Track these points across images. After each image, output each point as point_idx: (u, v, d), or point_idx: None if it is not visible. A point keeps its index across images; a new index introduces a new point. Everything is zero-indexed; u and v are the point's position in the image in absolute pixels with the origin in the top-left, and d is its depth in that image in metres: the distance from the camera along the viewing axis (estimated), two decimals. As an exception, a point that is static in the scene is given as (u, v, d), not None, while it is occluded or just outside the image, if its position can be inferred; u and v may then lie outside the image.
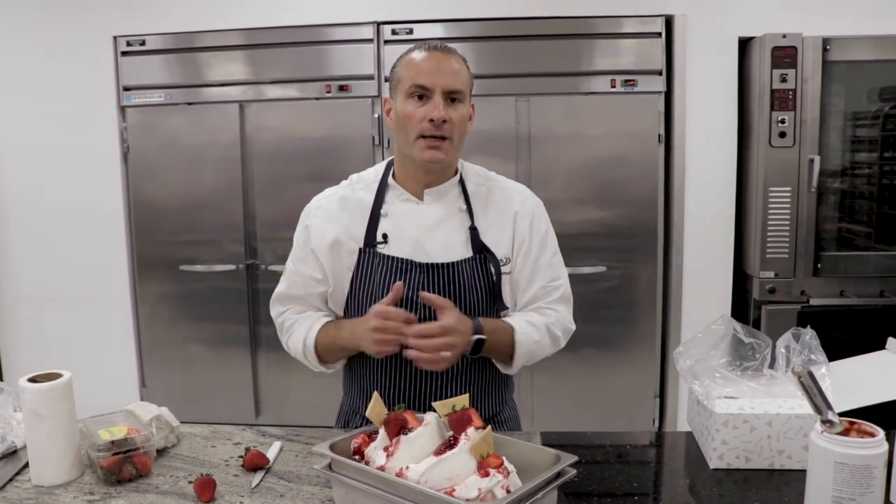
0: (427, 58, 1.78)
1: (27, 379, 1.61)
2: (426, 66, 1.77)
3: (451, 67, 1.78)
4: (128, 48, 3.73)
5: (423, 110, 1.75)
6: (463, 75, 1.80)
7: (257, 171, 3.71)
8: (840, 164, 3.45)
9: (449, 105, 1.76)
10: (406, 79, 1.78)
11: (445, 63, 1.78)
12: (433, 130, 1.75)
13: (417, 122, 1.76)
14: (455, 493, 1.25)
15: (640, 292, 3.66)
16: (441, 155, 1.78)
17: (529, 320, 1.87)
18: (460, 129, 1.80)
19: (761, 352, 1.75)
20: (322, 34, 3.63)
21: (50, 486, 1.59)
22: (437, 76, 1.76)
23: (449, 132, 1.76)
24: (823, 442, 1.29)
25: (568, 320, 1.95)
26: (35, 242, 3.91)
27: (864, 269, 3.43)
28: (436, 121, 1.74)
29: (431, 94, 1.75)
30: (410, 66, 1.79)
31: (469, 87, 1.83)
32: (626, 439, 1.90)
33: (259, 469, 1.66)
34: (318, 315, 1.93)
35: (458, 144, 1.82)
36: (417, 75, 1.76)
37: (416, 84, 1.76)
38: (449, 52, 1.81)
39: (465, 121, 1.83)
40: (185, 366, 3.89)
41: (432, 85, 1.75)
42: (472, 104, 1.88)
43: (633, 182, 3.58)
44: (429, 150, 1.77)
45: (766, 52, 3.29)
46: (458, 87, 1.77)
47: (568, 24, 3.53)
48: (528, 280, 1.89)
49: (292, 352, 1.95)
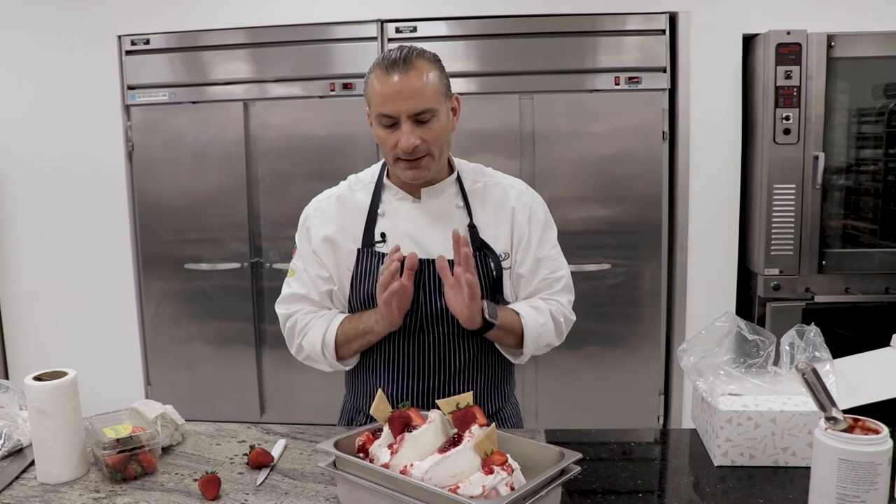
0: (387, 82, 1.70)
1: (33, 377, 1.61)
2: (388, 91, 1.70)
3: (413, 87, 1.70)
4: (132, 47, 3.73)
5: (394, 137, 1.73)
6: (429, 90, 1.72)
7: (261, 169, 3.71)
8: (845, 161, 3.44)
9: (418, 127, 1.72)
10: (373, 104, 1.75)
11: (406, 85, 1.69)
12: (407, 155, 1.73)
13: (391, 148, 1.75)
14: (459, 491, 1.26)
15: (645, 289, 3.66)
16: (424, 172, 1.78)
17: (532, 305, 1.88)
18: (439, 143, 1.77)
19: (765, 349, 1.75)
20: (326, 32, 3.63)
21: (55, 484, 1.60)
22: (399, 103, 1.69)
23: (425, 150, 1.74)
24: (828, 439, 1.29)
25: (569, 311, 1.96)
26: (40, 241, 3.92)
27: (868, 266, 3.42)
28: (405, 149, 1.71)
29: (397, 120, 1.72)
30: (374, 92, 1.74)
31: (442, 93, 1.76)
32: (631, 437, 1.90)
33: (264, 467, 1.66)
34: (334, 311, 1.93)
35: (442, 153, 1.80)
36: (381, 103, 1.72)
37: (381, 113, 1.73)
38: (410, 67, 1.70)
39: (444, 130, 1.78)
40: (190, 364, 3.90)
41: (396, 113, 1.70)
42: (456, 97, 1.84)
43: (637, 179, 3.58)
44: (409, 171, 1.77)
45: (770, 49, 3.28)
46: (424, 106, 1.71)
47: (572, 22, 3.53)
48: (529, 274, 1.90)
49: (305, 351, 1.91)
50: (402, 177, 1.80)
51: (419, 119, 1.72)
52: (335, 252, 1.88)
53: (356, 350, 1.90)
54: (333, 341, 1.86)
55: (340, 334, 1.86)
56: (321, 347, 1.87)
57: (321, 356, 1.89)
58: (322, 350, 1.87)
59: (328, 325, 1.87)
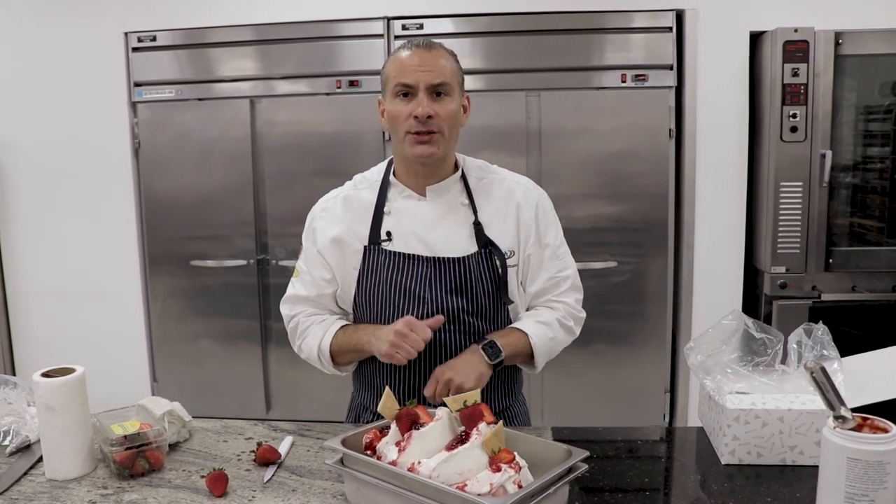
0: (410, 55, 1.79)
1: (41, 374, 1.62)
2: (409, 63, 1.78)
3: (435, 63, 1.78)
4: (139, 44, 3.73)
5: (409, 108, 1.77)
6: (448, 69, 1.80)
7: (268, 166, 3.71)
8: (852, 159, 3.43)
9: (434, 100, 1.77)
10: (391, 78, 1.80)
11: (428, 59, 1.78)
12: (419, 126, 1.76)
13: (404, 120, 1.77)
14: (467, 488, 1.26)
15: (651, 287, 3.65)
16: (432, 149, 1.79)
17: (539, 319, 1.89)
18: (450, 123, 1.80)
19: (773, 347, 1.74)
20: (332, 30, 3.63)
21: (63, 480, 1.61)
22: (419, 73, 1.76)
23: (437, 126, 1.77)
24: (836, 438, 1.28)
25: (577, 309, 1.97)
26: (47, 237, 3.93)
27: (876, 265, 3.41)
28: (420, 117, 1.75)
29: (416, 91, 1.76)
30: (395, 65, 1.80)
31: (458, 80, 1.83)
32: (637, 434, 1.90)
33: (271, 464, 1.66)
34: (333, 318, 1.94)
35: (450, 138, 1.82)
36: (401, 74, 1.78)
37: (401, 83, 1.77)
38: (432, 48, 1.81)
39: (456, 115, 1.82)
40: (196, 361, 3.90)
41: (415, 82, 1.76)
42: (467, 96, 1.88)
43: (643, 177, 3.57)
44: (419, 146, 1.78)
45: (777, 47, 3.27)
46: (441, 80, 1.78)
47: (578, 19, 3.52)
48: (536, 271, 1.90)
49: (304, 354, 1.96)
50: (411, 154, 1.80)
51: (436, 92, 1.77)
52: (342, 252, 1.89)
53: (350, 361, 1.94)
54: (329, 350, 1.89)
55: (335, 344, 1.89)
56: (317, 354, 1.91)
57: (318, 363, 1.93)
58: (318, 357, 1.91)
59: (324, 334, 1.90)
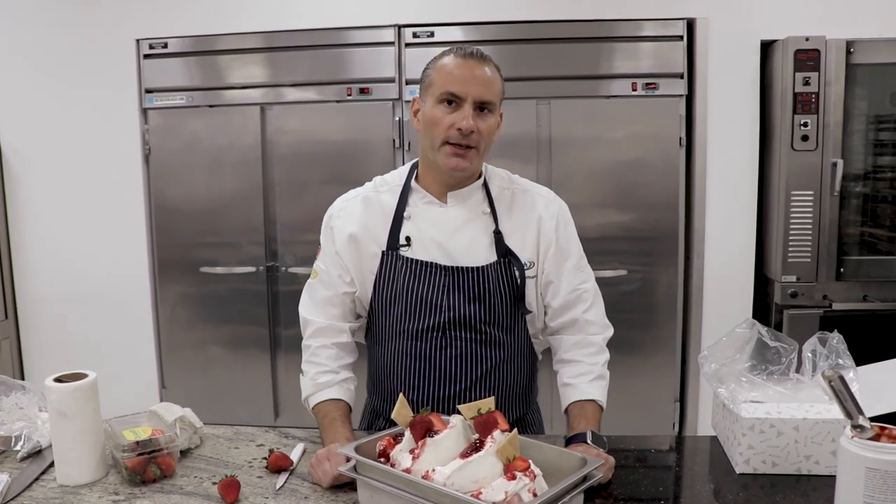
0: (461, 65, 1.75)
1: (53, 379, 1.62)
2: (460, 73, 1.74)
3: (485, 77, 1.76)
4: (150, 51, 3.75)
5: (452, 118, 1.74)
6: (496, 85, 1.78)
7: (278, 173, 3.72)
8: (863, 168, 3.42)
9: (478, 115, 1.75)
10: (438, 83, 1.76)
11: (480, 72, 1.75)
12: (460, 139, 1.74)
13: (445, 129, 1.74)
14: (481, 496, 1.25)
15: (661, 296, 3.64)
16: (466, 163, 1.77)
17: (593, 375, 1.93)
18: (487, 139, 1.78)
19: (787, 356, 1.73)
20: (343, 37, 3.64)
21: (75, 486, 1.60)
22: (469, 85, 1.73)
23: (476, 142, 1.75)
24: (854, 447, 1.27)
25: (602, 326, 2.00)
26: (57, 244, 3.93)
27: (887, 274, 3.39)
28: (464, 130, 1.72)
29: (462, 102, 1.73)
30: (444, 71, 1.76)
31: (500, 97, 1.82)
32: (649, 443, 1.89)
33: (283, 471, 1.66)
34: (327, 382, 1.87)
35: (483, 153, 1.81)
36: (450, 82, 1.74)
37: (448, 91, 1.74)
38: (484, 61, 1.77)
39: (493, 130, 1.81)
40: (205, 367, 3.90)
41: (464, 93, 1.73)
42: (501, 112, 1.86)
43: (653, 186, 3.56)
44: (454, 158, 1.76)
45: (788, 55, 3.26)
46: (489, 97, 1.76)
47: (589, 28, 3.52)
48: (556, 284, 1.89)
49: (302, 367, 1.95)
50: (444, 164, 1.77)
51: (481, 107, 1.75)
52: (359, 252, 1.87)
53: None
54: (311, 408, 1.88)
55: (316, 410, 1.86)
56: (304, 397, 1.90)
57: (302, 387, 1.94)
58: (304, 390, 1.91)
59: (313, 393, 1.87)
